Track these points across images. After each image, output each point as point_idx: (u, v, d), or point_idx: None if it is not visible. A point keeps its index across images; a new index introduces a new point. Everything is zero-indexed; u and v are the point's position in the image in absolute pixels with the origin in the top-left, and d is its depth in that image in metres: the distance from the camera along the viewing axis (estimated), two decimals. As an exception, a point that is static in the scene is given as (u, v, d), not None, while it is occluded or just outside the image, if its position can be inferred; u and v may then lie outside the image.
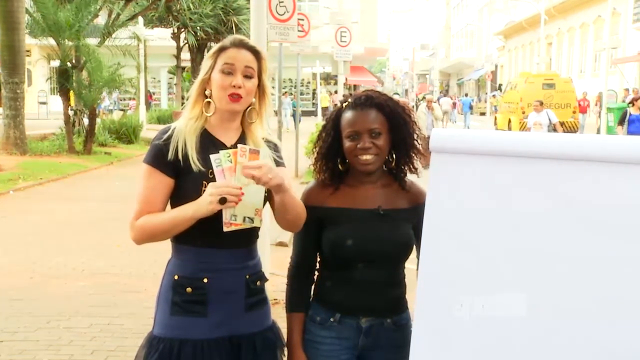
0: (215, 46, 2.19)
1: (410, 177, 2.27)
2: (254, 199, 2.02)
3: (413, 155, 2.21)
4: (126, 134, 20.03)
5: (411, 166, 2.23)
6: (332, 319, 2.19)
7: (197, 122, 2.14)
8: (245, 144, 2.15)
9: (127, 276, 6.30)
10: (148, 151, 2.14)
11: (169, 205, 2.14)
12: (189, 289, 2.11)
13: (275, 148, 2.27)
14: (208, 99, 2.14)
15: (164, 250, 2.25)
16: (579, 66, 37.14)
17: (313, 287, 2.29)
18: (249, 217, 2.02)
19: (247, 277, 2.18)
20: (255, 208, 2.03)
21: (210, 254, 2.11)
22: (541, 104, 14.98)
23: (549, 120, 14.25)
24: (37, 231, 8.33)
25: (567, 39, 39.13)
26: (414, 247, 2.17)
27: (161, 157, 2.09)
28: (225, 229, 2.00)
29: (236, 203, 1.97)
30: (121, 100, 38.15)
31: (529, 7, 41.77)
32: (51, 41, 16.49)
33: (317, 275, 2.28)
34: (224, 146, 2.13)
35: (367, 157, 2.12)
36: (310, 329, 2.23)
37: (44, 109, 32.13)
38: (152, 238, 2.11)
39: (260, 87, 2.19)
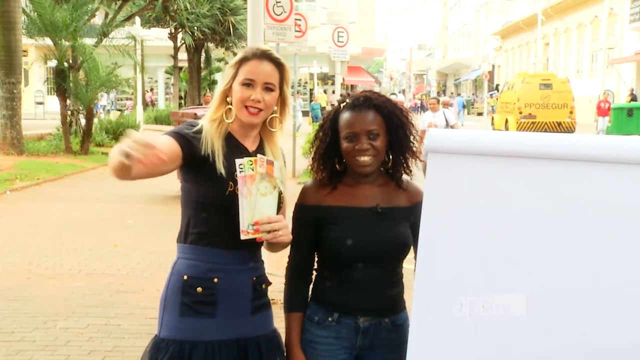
0: (237, 55, 2.21)
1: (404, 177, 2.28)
2: (268, 210, 2.06)
3: (408, 157, 2.22)
4: (123, 134, 19.98)
5: (406, 168, 2.24)
6: (330, 319, 2.19)
7: (220, 125, 2.16)
8: (263, 153, 2.22)
9: (124, 276, 6.28)
10: (171, 130, 2.14)
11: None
12: (199, 289, 2.12)
13: (282, 154, 2.34)
14: (230, 106, 2.17)
15: (162, 250, 2.25)
16: (576, 66, 37.18)
17: (311, 287, 2.29)
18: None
19: (254, 279, 2.21)
20: (268, 217, 2.06)
21: (220, 254, 2.13)
22: (438, 102, 13.26)
23: (446, 121, 12.42)
24: (34, 231, 8.31)
25: (564, 39, 39.18)
26: (412, 246, 2.17)
27: (184, 136, 2.09)
28: (242, 237, 2.02)
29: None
30: (118, 100, 38.15)
31: (526, 7, 41.84)
32: (48, 41, 16.47)
33: (316, 275, 2.29)
34: (247, 151, 2.18)
35: (364, 158, 2.12)
36: (309, 328, 2.23)
37: (40, 109, 32.10)
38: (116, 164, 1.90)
39: (282, 97, 2.22)
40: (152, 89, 41.21)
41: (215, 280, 2.12)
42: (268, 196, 2.05)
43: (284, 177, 2.24)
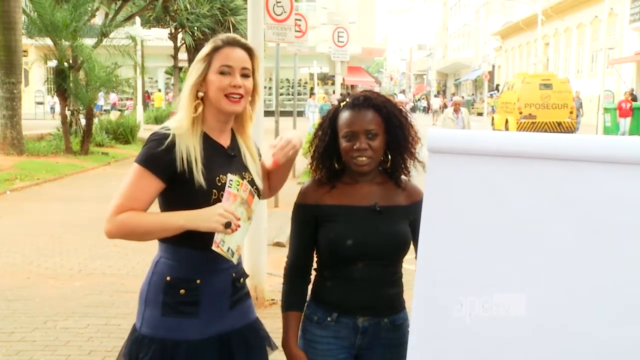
0: (206, 47, 2.14)
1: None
2: (239, 235, 2.07)
3: (407, 157, 2.22)
4: (123, 134, 20.01)
5: (404, 168, 2.24)
6: (329, 319, 2.19)
7: (195, 127, 2.10)
8: (237, 146, 2.21)
9: (123, 276, 6.29)
10: (142, 153, 2.09)
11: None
12: (182, 291, 2.10)
13: (258, 151, 2.34)
14: (199, 101, 2.11)
15: (162, 251, 2.24)
16: (576, 66, 37.20)
17: (310, 286, 2.29)
18: (231, 249, 2.05)
19: (233, 275, 2.20)
20: (237, 245, 2.07)
21: (200, 256, 2.10)
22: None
23: None
24: (34, 231, 8.31)
25: (564, 40, 39.19)
26: (412, 245, 2.17)
27: (157, 163, 2.05)
28: (213, 247, 2.01)
29: (232, 231, 2.01)
30: (119, 100, 38.14)
31: (526, 7, 41.85)
32: (48, 41, 16.48)
33: (315, 275, 2.29)
34: (223, 149, 2.16)
35: (362, 158, 2.12)
36: (308, 328, 2.23)
37: (40, 109, 32.12)
38: (129, 236, 2.06)
39: (254, 85, 2.18)
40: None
41: (198, 281, 2.11)
42: (242, 223, 2.05)
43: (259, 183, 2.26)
